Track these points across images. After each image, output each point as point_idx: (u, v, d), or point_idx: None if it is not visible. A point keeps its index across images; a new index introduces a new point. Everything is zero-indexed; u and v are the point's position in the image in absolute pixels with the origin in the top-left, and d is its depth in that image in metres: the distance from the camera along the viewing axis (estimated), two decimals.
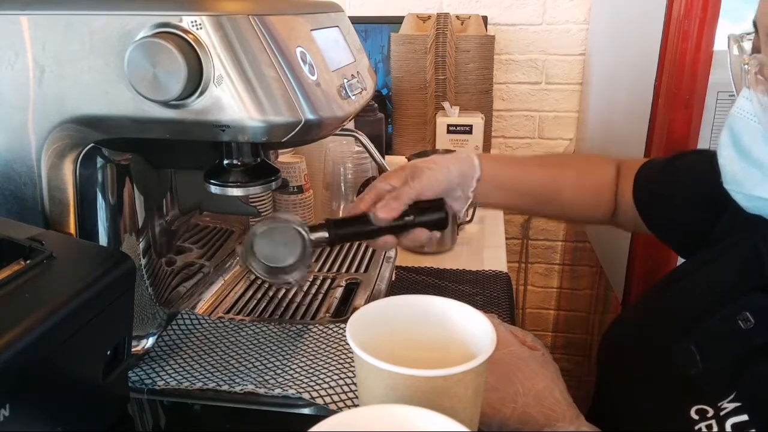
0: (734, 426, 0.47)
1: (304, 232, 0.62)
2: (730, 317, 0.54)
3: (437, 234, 0.67)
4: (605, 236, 1.37)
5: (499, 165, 0.74)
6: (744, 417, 0.47)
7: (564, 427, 0.50)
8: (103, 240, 0.64)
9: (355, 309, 0.67)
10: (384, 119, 1.38)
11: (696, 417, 0.50)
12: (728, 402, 0.49)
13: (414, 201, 0.65)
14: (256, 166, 0.64)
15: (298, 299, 0.82)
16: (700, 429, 0.49)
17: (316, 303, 0.82)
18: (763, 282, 0.55)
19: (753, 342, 0.52)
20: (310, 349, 0.70)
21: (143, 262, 0.70)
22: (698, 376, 0.54)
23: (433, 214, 0.65)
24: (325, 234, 0.63)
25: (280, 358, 0.68)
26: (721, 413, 0.49)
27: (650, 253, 1.09)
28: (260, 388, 0.63)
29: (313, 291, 0.85)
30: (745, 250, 0.58)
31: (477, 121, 1.44)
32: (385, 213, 0.63)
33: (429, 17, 1.50)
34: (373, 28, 1.59)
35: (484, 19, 1.54)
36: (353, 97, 0.64)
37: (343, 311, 0.80)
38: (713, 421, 0.48)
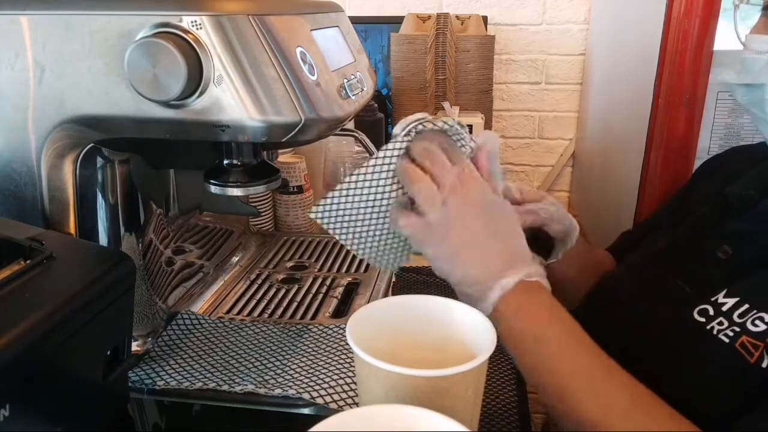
0: (740, 315, 0.50)
1: None
2: (710, 251, 0.60)
3: None
4: (605, 236, 1.37)
5: None
6: (745, 306, 0.50)
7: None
8: (103, 240, 0.64)
9: (355, 309, 0.67)
10: (384, 119, 1.38)
11: (702, 319, 0.53)
12: (723, 297, 0.53)
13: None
14: (256, 166, 0.64)
15: (298, 299, 0.83)
16: (712, 327, 0.51)
17: (316, 303, 0.82)
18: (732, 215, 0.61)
19: (733, 268, 0.57)
20: (310, 349, 0.70)
21: (143, 262, 0.70)
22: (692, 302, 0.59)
23: None
24: None
25: (280, 358, 0.68)
26: (723, 308, 0.52)
27: None
28: (260, 388, 0.62)
29: (313, 291, 0.85)
30: (713, 202, 0.67)
31: (477, 121, 1.43)
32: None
33: (429, 17, 1.49)
34: (373, 28, 1.59)
35: (484, 19, 1.54)
36: (353, 97, 0.64)
37: (343, 311, 0.80)
38: (721, 318, 0.52)
